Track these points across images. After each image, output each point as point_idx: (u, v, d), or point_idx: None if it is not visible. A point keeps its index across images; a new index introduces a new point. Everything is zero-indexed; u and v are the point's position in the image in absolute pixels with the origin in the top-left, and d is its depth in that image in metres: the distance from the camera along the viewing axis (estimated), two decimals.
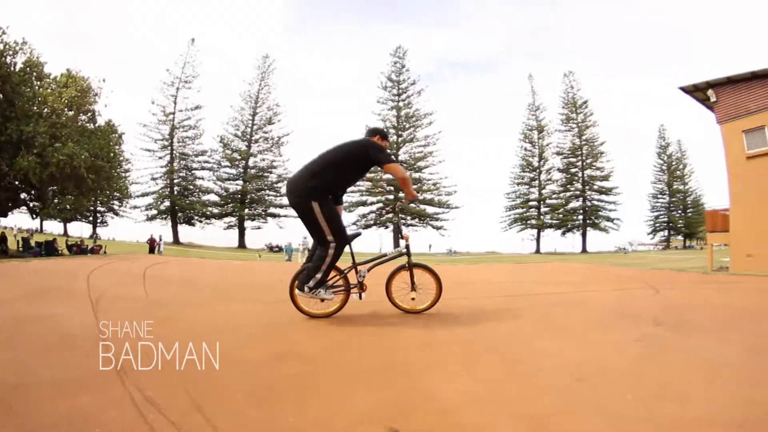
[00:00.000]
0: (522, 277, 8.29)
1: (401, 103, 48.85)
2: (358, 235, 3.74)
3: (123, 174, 39.79)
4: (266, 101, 49.93)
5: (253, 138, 48.85)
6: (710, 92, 13.58)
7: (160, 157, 47.80)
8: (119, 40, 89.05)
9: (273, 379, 1.99)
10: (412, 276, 3.61)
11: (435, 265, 4.06)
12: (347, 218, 50.04)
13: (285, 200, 47.55)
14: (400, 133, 47.79)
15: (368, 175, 45.82)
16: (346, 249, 3.37)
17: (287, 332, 3.09)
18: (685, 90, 14.24)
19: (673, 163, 60.80)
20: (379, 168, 3.37)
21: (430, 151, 48.26)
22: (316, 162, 3.31)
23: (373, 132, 3.52)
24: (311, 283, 3.20)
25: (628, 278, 7.26)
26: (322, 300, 3.35)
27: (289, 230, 49.34)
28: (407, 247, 3.59)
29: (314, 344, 2.71)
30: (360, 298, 3.52)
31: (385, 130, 3.67)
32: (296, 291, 3.31)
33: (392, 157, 3.41)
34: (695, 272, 10.03)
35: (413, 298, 3.59)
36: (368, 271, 3.53)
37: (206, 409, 1.57)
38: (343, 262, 3.45)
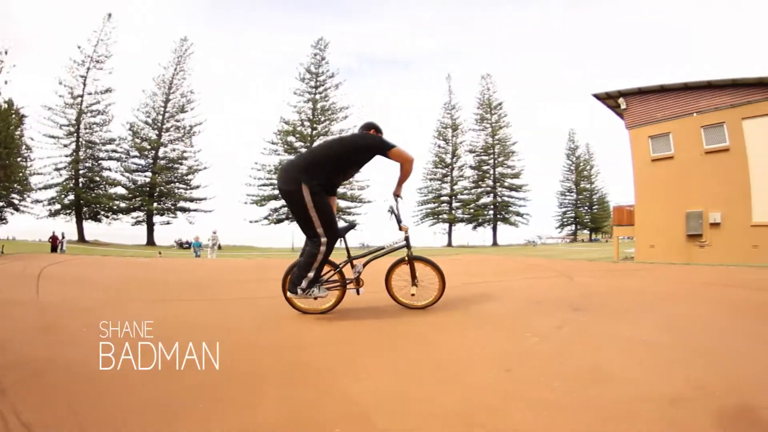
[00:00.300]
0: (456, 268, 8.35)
1: (318, 96, 47.87)
2: (352, 227, 3.57)
3: (23, 163, 35.22)
4: (180, 87, 46.44)
5: (164, 126, 45.24)
6: (621, 100, 14.80)
7: (65, 145, 42.52)
8: (30, 11, 77.99)
9: (173, 392, 1.70)
10: (412, 269, 3.42)
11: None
12: (258, 212, 48.90)
13: (196, 194, 45.02)
14: (315, 126, 46.83)
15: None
16: (340, 243, 3.27)
17: (187, 335, 2.75)
18: (598, 97, 15.38)
19: (581, 163, 67.59)
20: None
21: None
22: (315, 152, 3.21)
23: (368, 126, 3.43)
24: (303, 284, 3.02)
25: (542, 267, 7.46)
26: (315, 298, 3.16)
27: (199, 226, 46.12)
28: (407, 238, 3.43)
29: (212, 348, 2.40)
30: (358, 293, 3.38)
31: (376, 124, 3.47)
32: (288, 294, 3.17)
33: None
34: (604, 261, 10.84)
35: (413, 294, 3.41)
36: (364, 266, 3.38)
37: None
38: (338, 257, 3.30)
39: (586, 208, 66.85)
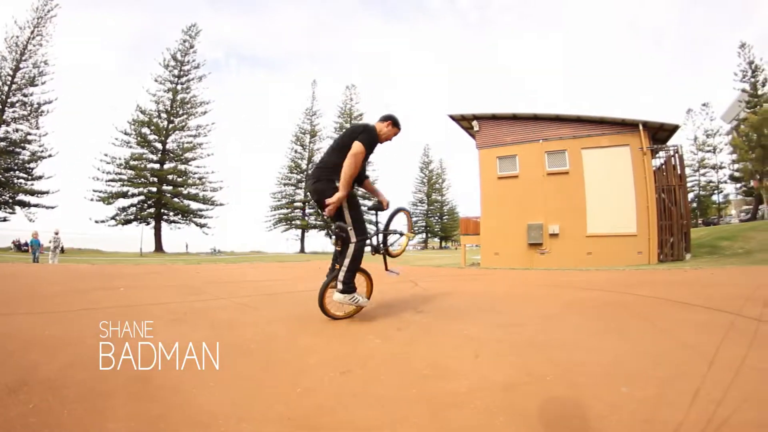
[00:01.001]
0: (284, 275, 8.28)
1: (180, 86, 43.95)
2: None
3: None
4: (35, 55, 38.01)
5: (9, 101, 36.45)
6: (475, 123, 16.55)
7: None
8: None
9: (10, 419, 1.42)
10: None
11: (196, 266, 3.54)
12: (105, 211, 43.50)
13: (39, 186, 37.71)
14: (172, 119, 42.86)
15: (132, 162, 38.24)
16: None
17: (23, 354, 2.22)
18: (454, 118, 16.99)
19: (434, 177, 73.69)
20: (153, 155, 2.78)
21: (200, 143, 44.28)
22: (338, 149, 3.16)
23: (384, 118, 3.38)
24: (344, 287, 3.09)
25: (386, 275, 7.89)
26: (358, 307, 3.26)
27: (40, 224, 38.13)
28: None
29: (53, 365, 2.03)
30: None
31: (395, 117, 3.38)
32: (335, 296, 3.10)
33: (368, 139, 3.13)
34: (451, 267, 11.93)
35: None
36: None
37: None
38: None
39: (436, 218, 72.85)
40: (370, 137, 3.10)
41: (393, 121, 3.34)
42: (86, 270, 9.28)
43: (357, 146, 2.98)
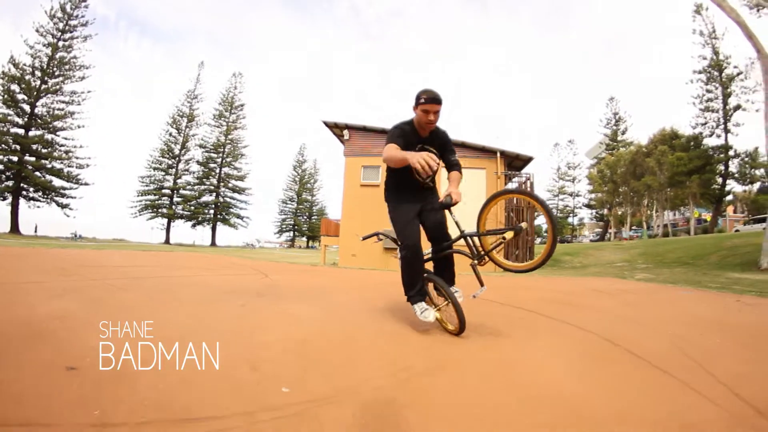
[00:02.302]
0: (147, 262, 8.40)
1: (61, 43, 39.16)
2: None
3: None
4: None
5: None
6: (346, 131, 17.41)
7: None
8: None
9: None
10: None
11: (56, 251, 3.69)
12: None
13: None
14: (46, 79, 37.95)
15: None
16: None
17: None
18: (327, 124, 17.76)
19: (306, 176, 73.04)
20: (19, 118, 2.55)
21: (72, 111, 39.46)
22: None
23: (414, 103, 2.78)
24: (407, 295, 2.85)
25: (243, 266, 8.30)
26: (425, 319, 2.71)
27: None
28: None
29: None
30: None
31: (425, 93, 2.64)
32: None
33: (389, 138, 2.71)
34: (308, 264, 12.64)
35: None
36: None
37: None
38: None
39: (305, 217, 72.32)
40: (389, 136, 2.74)
41: (416, 100, 2.75)
42: None
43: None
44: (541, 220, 65.13)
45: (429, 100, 2.65)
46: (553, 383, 1.85)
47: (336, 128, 17.53)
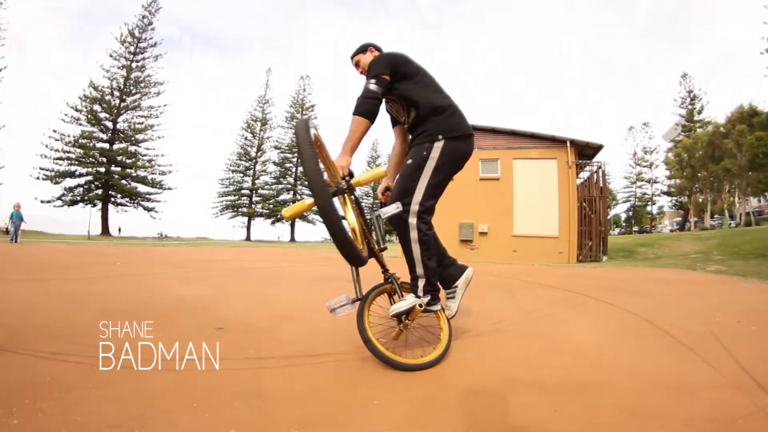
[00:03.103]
0: (246, 256, 9.16)
1: (134, 64, 42.40)
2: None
3: None
4: None
5: None
6: None
7: None
8: None
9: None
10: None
11: (156, 248, 4.32)
12: (52, 190, 41.54)
13: None
14: (124, 97, 41.26)
15: (81, 141, 36.61)
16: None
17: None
18: None
19: None
20: (103, 134, 2.91)
21: (151, 124, 42.91)
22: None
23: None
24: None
25: (328, 259, 8.89)
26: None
27: None
28: None
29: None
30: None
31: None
32: None
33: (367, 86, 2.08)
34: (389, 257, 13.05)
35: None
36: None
37: None
38: None
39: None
40: None
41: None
42: (67, 249, 10.24)
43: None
44: (618, 209, 61.10)
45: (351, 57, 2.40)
46: (581, 343, 2.30)
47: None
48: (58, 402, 1.32)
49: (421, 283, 2.08)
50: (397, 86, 2.16)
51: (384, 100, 2.25)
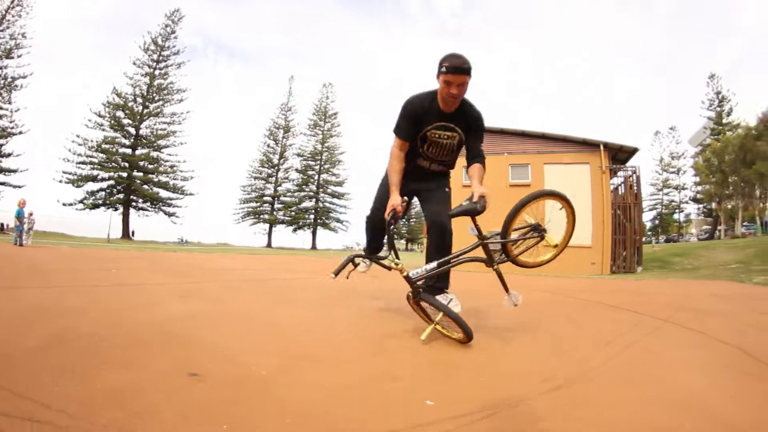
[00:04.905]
0: (260, 265, 8.75)
1: (157, 72, 42.98)
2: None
3: None
4: (13, 26, 36.28)
5: None
6: None
7: None
8: None
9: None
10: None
11: (168, 255, 3.89)
12: (74, 193, 42.50)
13: (6, 163, 36.13)
14: (147, 104, 41.92)
15: (104, 146, 37.40)
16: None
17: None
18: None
19: None
20: (126, 139, 2.84)
21: (173, 130, 43.40)
22: None
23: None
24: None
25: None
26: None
27: (4, 203, 36.42)
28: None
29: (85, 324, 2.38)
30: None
31: (447, 60, 2.14)
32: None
33: (398, 130, 2.44)
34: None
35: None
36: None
37: None
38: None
39: (404, 220, 73.81)
40: (398, 117, 2.45)
41: (438, 67, 2.26)
42: (69, 252, 9.77)
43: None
44: (644, 218, 59.63)
45: (451, 70, 2.15)
46: (692, 391, 1.74)
47: None
48: None
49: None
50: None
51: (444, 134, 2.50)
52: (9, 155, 36.87)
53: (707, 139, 46.74)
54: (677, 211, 55.77)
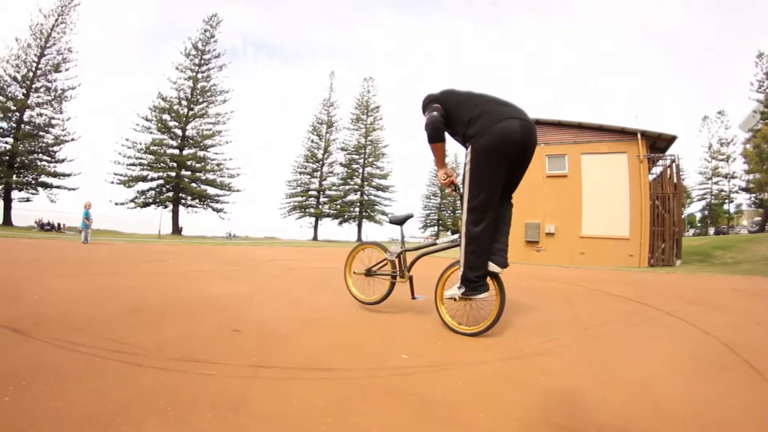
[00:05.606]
0: (302, 256, 9.56)
1: (200, 75, 44.72)
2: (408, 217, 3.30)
3: None
4: (59, 42, 38.67)
5: (33, 86, 37.54)
6: None
7: None
8: None
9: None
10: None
11: (215, 248, 4.62)
12: (125, 193, 44.25)
13: (61, 168, 39.00)
14: (192, 106, 43.70)
15: (152, 147, 39.26)
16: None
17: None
18: None
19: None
20: (173, 141, 3.32)
21: (219, 130, 45.09)
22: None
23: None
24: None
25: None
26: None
27: (60, 205, 39.16)
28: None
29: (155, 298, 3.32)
30: (413, 297, 3.14)
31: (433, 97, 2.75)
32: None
33: (431, 113, 2.63)
34: (447, 258, 13.18)
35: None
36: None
37: None
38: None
39: (449, 212, 70.82)
40: None
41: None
42: (127, 247, 11.19)
43: None
44: (692, 208, 56.47)
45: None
46: (645, 376, 1.93)
47: None
48: (48, 387, 1.44)
49: (461, 274, 2.49)
50: None
51: None
52: (63, 161, 38.94)
53: (758, 123, 43.20)
54: (727, 201, 52.95)
